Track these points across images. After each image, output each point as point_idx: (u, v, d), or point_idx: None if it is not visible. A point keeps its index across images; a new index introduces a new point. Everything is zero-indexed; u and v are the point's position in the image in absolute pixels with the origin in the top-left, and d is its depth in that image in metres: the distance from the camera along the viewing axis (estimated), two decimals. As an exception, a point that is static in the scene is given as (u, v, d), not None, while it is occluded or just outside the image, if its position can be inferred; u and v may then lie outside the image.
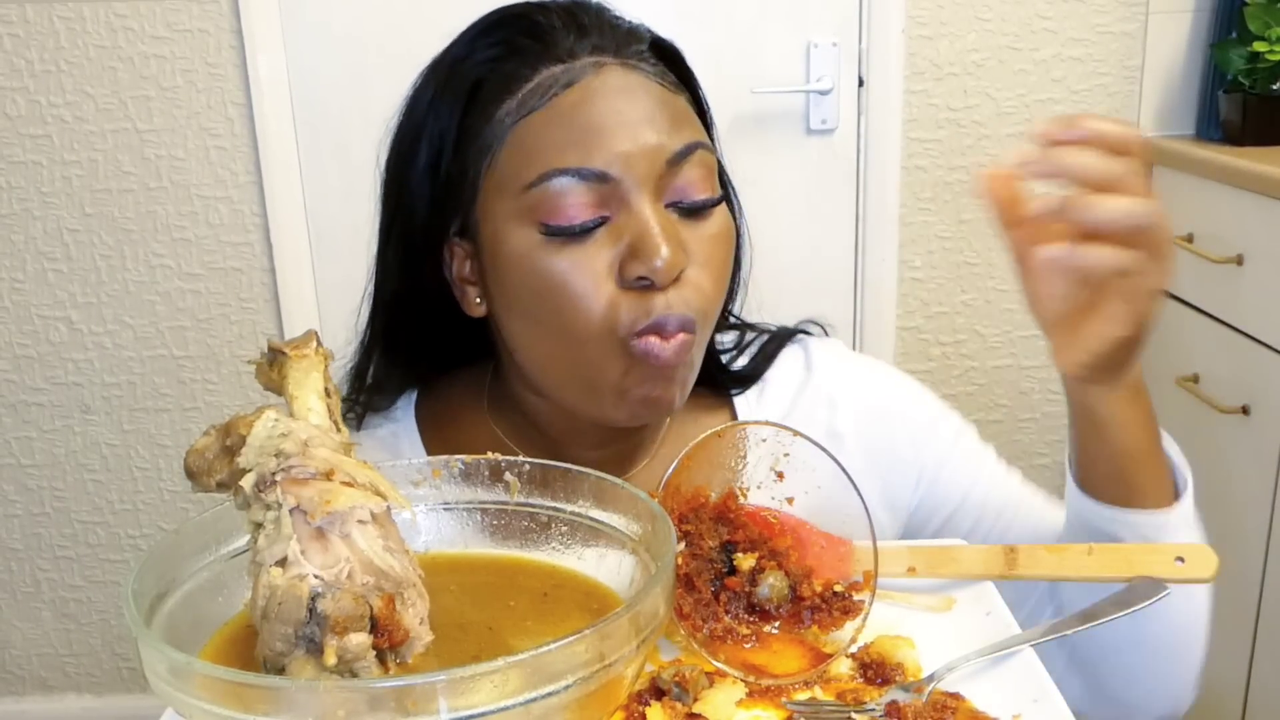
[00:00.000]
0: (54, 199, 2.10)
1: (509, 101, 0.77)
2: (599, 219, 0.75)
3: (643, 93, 0.77)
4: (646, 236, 0.74)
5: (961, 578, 0.76)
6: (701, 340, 0.79)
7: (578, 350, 0.77)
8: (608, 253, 0.75)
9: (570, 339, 0.77)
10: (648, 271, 0.73)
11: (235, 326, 2.18)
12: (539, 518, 0.71)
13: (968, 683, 0.66)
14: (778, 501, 0.77)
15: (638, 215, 0.74)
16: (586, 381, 0.79)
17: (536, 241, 0.76)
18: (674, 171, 0.76)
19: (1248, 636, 1.77)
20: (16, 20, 2.01)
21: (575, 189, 0.74)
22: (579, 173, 0.74)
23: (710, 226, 0.78)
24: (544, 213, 0.75)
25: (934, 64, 2.06)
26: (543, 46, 0.78)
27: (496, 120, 0.77)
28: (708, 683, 0.64)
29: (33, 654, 2.39)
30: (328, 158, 2.10)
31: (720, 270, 0.79)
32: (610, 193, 0.75)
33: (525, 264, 0.76)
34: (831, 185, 2.14)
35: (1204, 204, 1.90)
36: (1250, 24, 1.88)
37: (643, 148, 0.75)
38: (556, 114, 0.75)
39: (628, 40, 0.80)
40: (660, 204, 0.76)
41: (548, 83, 0.76)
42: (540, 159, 0.75)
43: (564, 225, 0.75)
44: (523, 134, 0.76)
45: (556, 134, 0.75)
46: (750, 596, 0.72)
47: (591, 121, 0.75)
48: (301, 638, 0.55)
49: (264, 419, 0.59)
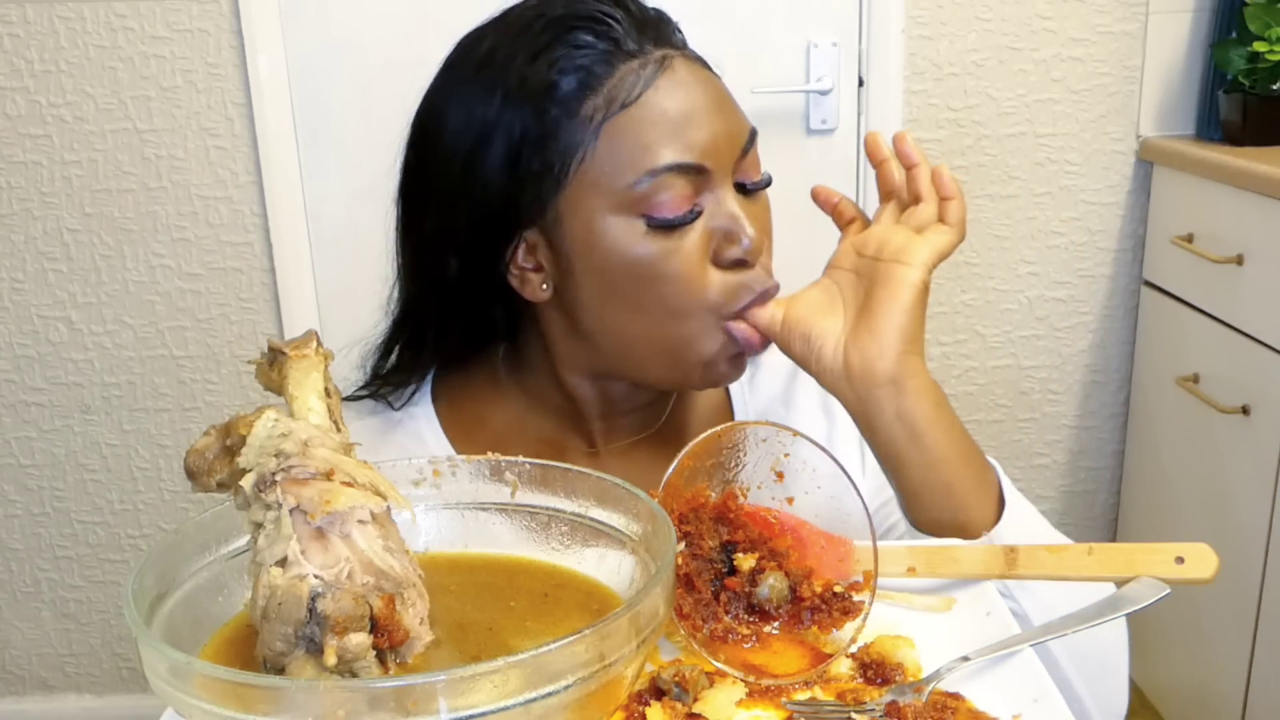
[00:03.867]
0: (54, 199, 2.10)
1: (593, 99, 0.79)
2: (698, 210, 0.80)
3: (711, 83, 0.83)
4: (737, 220, 0.81)
5: (961, 578, 0.76)
6: None
7: (678, 328, 0.82)
8: (701, 238, 0.81)
9: (673, 319, 0.82)
10: (742, 252, 0.80)
11: (235, 326, 2.18)
12: (539, 518, 0.71)
13: (968, 683, 0.66)
14: (778, 502, 0.77)
15: (724, 201, 0.81)
16: (677, 356, 0.84)
17: (640, 232, 0.80)
18: (743, 158, 0.83)
19: (1248, 636, 1.77)
20: (16, 20, 2.01)
21: (677, 183, 0.79)
22: (680, 168, 0.79)
23: (763, 201, 0.86)
24: (649, 206, 0.79)
25: (934, 64, 2.06)
26: (610, 43, 0.80)
27: (584, 118, 0.79)
28: (708, 683, 0.64)
29: (33, 654, 2.39)
30: (328, 158, 2.10)
31: (770, 246, 0.87)
32: (703, 182, 0.80)
33: (629, 254, 0.81)
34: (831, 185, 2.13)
35: (1204, 204, 1.90)
36: (1250, 24, 1.88)
37: (727, 135, 0.81)
38: (649, 110, 0.79)
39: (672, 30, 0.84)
40: (731, 187, 0.82)
41: (631, 80, 0.79)
42: (642, 156, 0.79)
43: (669, 218, 0.80)
44: (616, 131, 0.79)
45: (653, 131, 0.79)
46: (750, 596, 0.72)
47: (683, 116, 0.79)
48: (301, 638, 0.55)
49: (264, 419, 0.59)
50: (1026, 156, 2.11)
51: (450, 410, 0.95)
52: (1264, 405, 1.74)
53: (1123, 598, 0.71)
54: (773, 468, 0.77)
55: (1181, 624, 1.99)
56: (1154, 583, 0.72)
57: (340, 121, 2.08)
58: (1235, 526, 1.80)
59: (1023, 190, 2.13)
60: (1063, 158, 2.11)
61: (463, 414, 0.95)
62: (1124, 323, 2.20)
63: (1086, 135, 2.10)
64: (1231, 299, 1.82)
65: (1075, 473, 2.30)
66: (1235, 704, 1.82)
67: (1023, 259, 2.17)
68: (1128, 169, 2.12)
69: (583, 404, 0.92)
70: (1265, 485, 1.73)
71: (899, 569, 0.76)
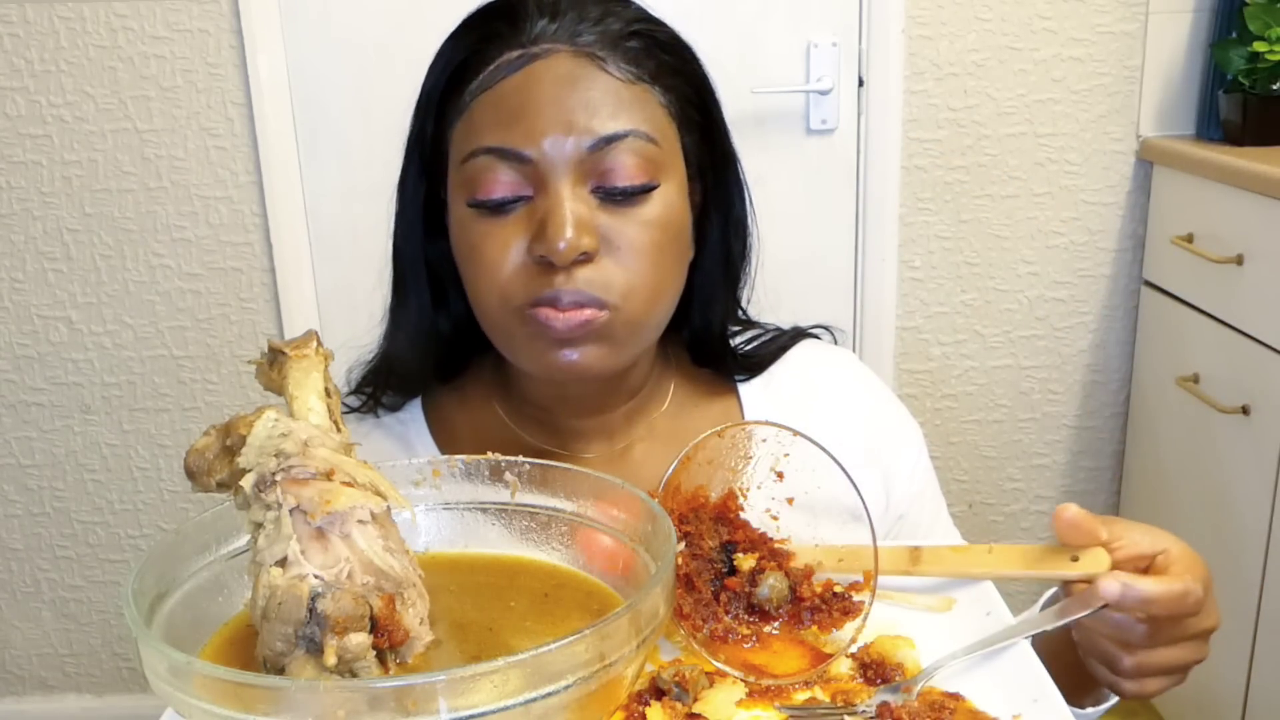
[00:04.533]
0: (54, 199, 2.10)
1: (474, 81, 0.81)
2: (517, 197, 0.79)
3: (585, 80, 0.79)
4: (552, 218, 0.77)
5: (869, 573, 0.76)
6: (629, 319, 0.81)
7: (489, 314, 0.82)
8: (523, 229, 0.79)
9: (482, 303, 0.82)
10: (547, 251, 0.77)
11: (235, 326, 2.18)
12: (539, 518, 0.71)
13: (967, 682, 0.66)
14: (778, 502, 0.77)
15: (552, 198, 0.78)
16: (504, 342, 0.84)
17: (466, 213, 0.81)
18: (598, 157, 0.78)
19: (1248, 636, 1.77)
20: (16, 20, 2.01)
21: (496, 166, 0.79)
22: (500, 152, 0.79)
23: (642, 214, 0.80)
24: (472, 186, 0.80)
25: (934, 64, 2.06)
26: (513, 31, 0.81)
27: (462, 98, 0.82)
28: (708, 683, 0.64)
29: (33, 654, 2.39)
30: (328, 158, 2.10)
31: (650, 255, 0.80)
32: (531, 173, 0.79)
33: (457, 232, 0.82)
34: (831, 185, 2.13)
35: (1204, 204, 1.90)
36: (1250, 24, 1.88)
37: (566, 133, 0.78)
38: (497, 95, 0.80)
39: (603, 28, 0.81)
40: (583, 188, 0.79)
41: (504, 65, 0.80)
42: (476, 136, 0.80)
43: (483, 199, 0.80)
44: (473, 111, 0.81)
45: (491, 114, 0.80)
46: (750, 596, 0.72)
47: (521, 105, 0.79)
48: (301, 638, 0.55)
49: (264, 419, 0.59)
50: (1026, 156, 2.11)
51: (441, 421, 0.95)
52: (1264, 405, 1.74)
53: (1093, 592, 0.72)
54: (773, 468, 0.77)
55: (1181, 624, 1.99)
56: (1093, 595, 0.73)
57: (340, 121, 2.08)
58: (1235, 526, 1.80)
59: (1023, 190, 2.13)
60: (1063, 158, 2.11)
61: (452, 425, 0.94)
62: (1124, 323, 2.20)
63: (1086, 135, 2.10)
64: (1231, 299, 1.82)
65: (1075, 473, 2.30)
66: (1235, 704, 1.82)
67: (1023, 259, 2.17)
68: (1128, 169, 2.11)
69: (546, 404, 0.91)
70: (1265, 485, 1.73)
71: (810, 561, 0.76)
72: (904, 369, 2.21)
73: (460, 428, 0.94)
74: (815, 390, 0.97)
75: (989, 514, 2.30)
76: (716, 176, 0.89)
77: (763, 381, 0.96)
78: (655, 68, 0.82)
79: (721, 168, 0.90)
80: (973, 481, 2.29)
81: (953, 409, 2.24)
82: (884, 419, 0.99)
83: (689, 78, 0.85)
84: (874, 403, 0.99)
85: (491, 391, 0.95)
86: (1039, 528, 2.30)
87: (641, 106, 0.81)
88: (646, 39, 0.83)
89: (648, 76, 0.81)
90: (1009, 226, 2.15)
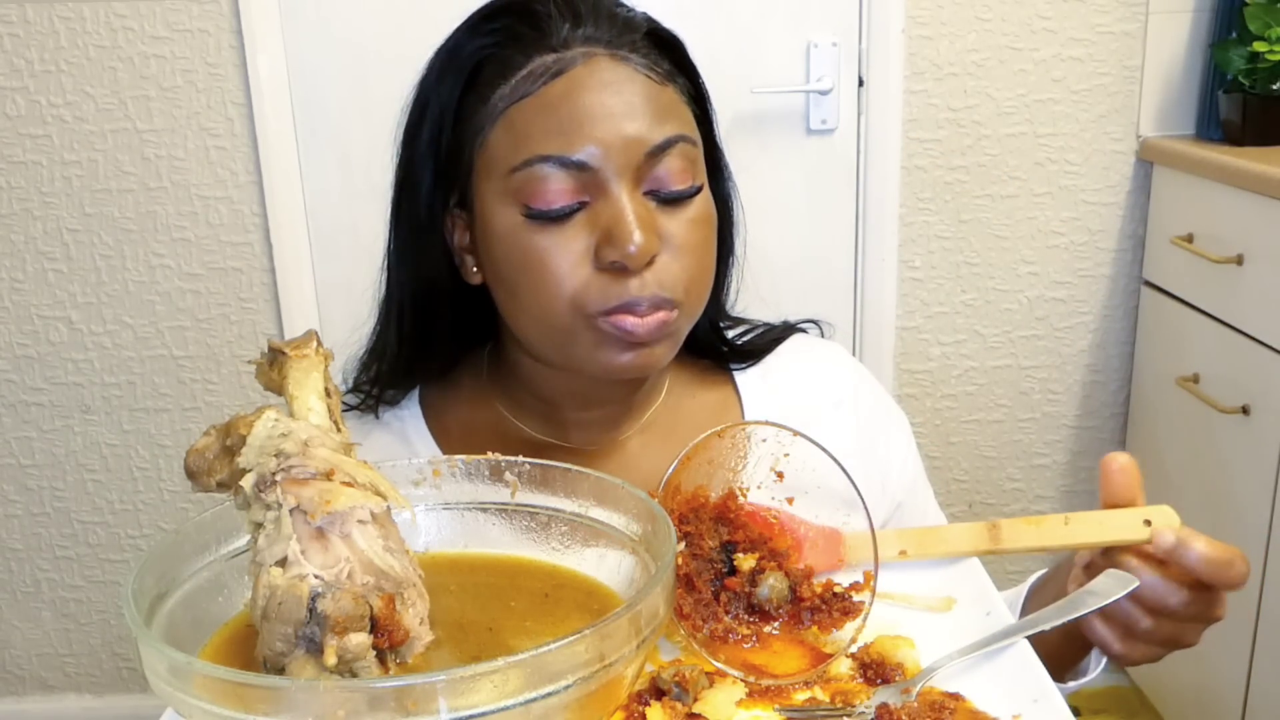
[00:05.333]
0: (54, 199, 2.10)
1: (503, 86, 0.80)
2: (577, 204, 0.79)
3: (629, 85, 0.80)
4: (620, 223, 0.77)
5: (951, 555, 0.79)
6: (690, 315, 0.83)
7: (552, 324, 0.81)
8: (585, 236, 0.79)
9: (546, 314, 0.81)
10: (620, 256, 0.77)
11: (235, 326, 2.18)
12: (539, 518, 0.71)
13: (967, 682, 0.66)
14: (778, 501, 0.77)
15: (614, 203, 0.78)
16: (564, 347, 0.83)
17: (519, 222, 0.80)
18: (653, 162, 0.79)
19: (1248, 636, 1.77)
20: (16, 20, 2.01)
21: (556, 175, 0.78)
22: (560, 160, 0.78)
23: (689, 212, 0.81)
24: (526, 195, 0.79)
25: (934, 64, 2.06)
26: (538, 34, 0.81)
27: (491, 103, 0.81)
28: (708, 683, 0.64)
29: (33, 654, 2.39)
30: (328, 158, 2.10)
31: (700, 253, 0.82)
32: (590, 180, 0.78)
33: (509, 241, 0.81)
34: (831, 185, 2.13)
35: (1204, 204, 1.90)
36: (1250, 24, 1.88)
37: (623, 139, 0.78)
38: (544, 102, 0.79)
39: (622, 31, 0.82)
40: (639, 192, 0.79)
41: (539, 70, 0.80)
42: (526, 144, 0.79)
43: (543, 209, 0.79)
44: (513, 118, 0.80)
45: (542, 121, 0.79)
46: (750, 597, 0.72)
47: (575, 112, 0.78)
48: (301, 638, 0.55)
49: (264, 419, 0.59)
50: (1026, 156, 2.11)
51: (437, 416, 0.95)
52: (1264, 405, 1.74)
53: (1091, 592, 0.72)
54: (773, 468, 0.77)
55: (1181, 624, 1.99)
56: (1121, 576, 0.73)
57: (340, 121, 2.08)
58: (1235, 526, 1.80)
59: (1023, 190, 2.13)
60: (1063, 158, 2.11)
61: (449, 419, 0.94)
62: (1124, 323, 2.20)
63: (1086, 135, 2.10)
64: (1231, 299, 1.82)
65: (1075, 473, 2.30)
66: (1235, 704, 1.82)
67: (1023, 259, 2.17)
68: (1128, 169, 2.11)
69: (553, 397, 0.91)
70: (1265, 485, 1.73)
71: (891, 553, 0.78)
72: (904, 369, 2.21)
73: (458, 422, 0.94)
74: (809, 381, 0.98)
75: (989, 514, 2.30)
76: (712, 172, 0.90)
77: (760, 371, 0.97)
78: (671, 67, 0.84)
79: (715, 163, 0.91)
80: (973, 481, 2.29)
81: (953, 409, 2.24)
82: (875, 409, 1.00)
83: (690, 76, 0.86)
84: (865, 394, 1.00)
85: (488, 385, 0.95)
86: (1039, 528, 2.30)
87: (678, 109, 0.82)
88: (658, 39, 0.84)
89: (669, 76, 0.83)
90: (1009, 226, 2.15)
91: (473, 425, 0.94)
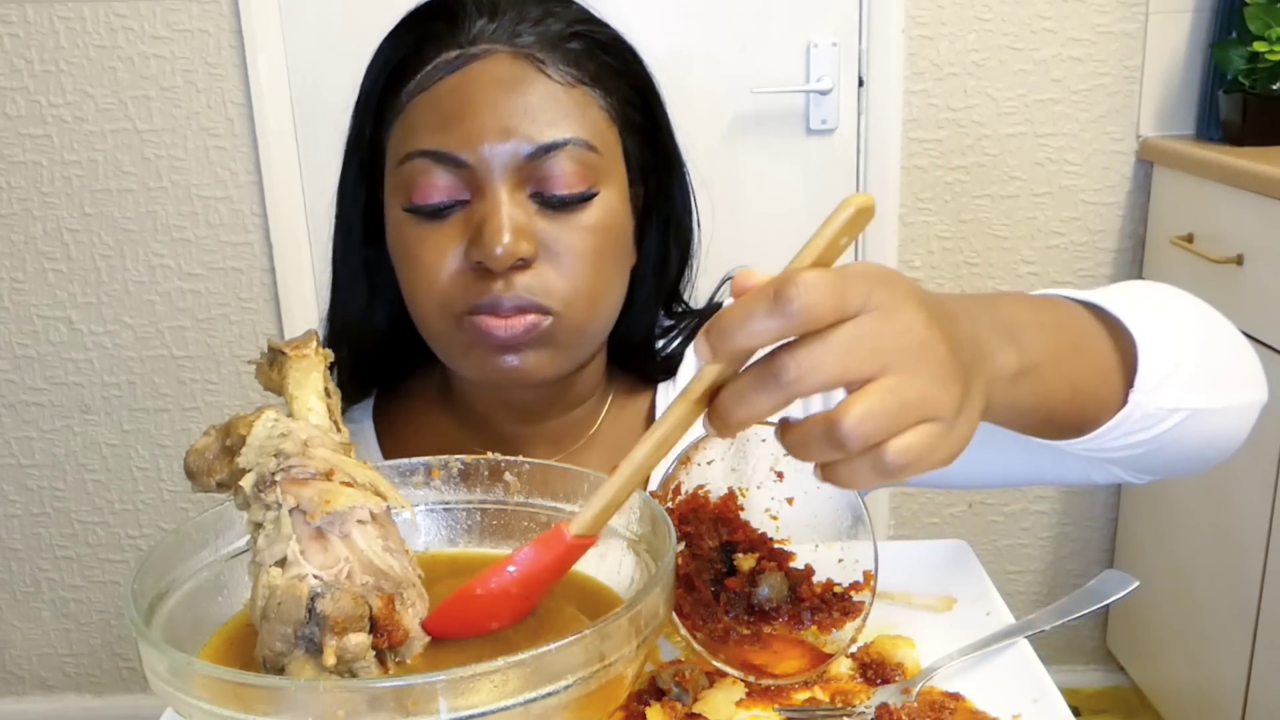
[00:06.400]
0: (54, 199, 2.10)
1: (410, 82, 0.80)
2: (454, 201, 0.78)
3: (524, 84, 0.78)
4: (489, 224, 0.76)
5: None
6: (572, 325, 0.80)
7: (426, 321, 0.81)
8: (460, 235, 0.78)
9: (420, 310, 0.80)
10: (484, 257, 0.76)
11: (235, 326, 2.18)
12: (539, 518, 0.71)
13: (967, 682, 0.66)
14: (778, 501, 0.77)
15: (489, 203, 0.77)
16: (443, 349, 0.82)
17: (402, 216, 0.80)
18: (536, 164, 0.77)
19: (1248, 636, 1.77)
20: (16, 20, 2.01)
21: (433, 170, 0.77)
22: (437, 155, 0.77)
23: (582, 219, 0.79)
24: (409, 189, 0.79)
25: (934, 64, 2.06)
26: (451, 31, 0.80)
27: (398, 99, 0.81)
28: (708, 683, 0.64)
29: (33, 654, 2.39)
30: (328, 158, 2.08)
31: (590, 261, 0.80)
32: (469, 178, 0.77)
33: (394, 235, 0.81)
34: (831, 185, 2.13)
35: (1204, 204, 1.90)
36: (1250, 24, 1.88)
37: (503, 138, 0.77)
38: (434, 97, 0.78)
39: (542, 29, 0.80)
40: (521, 194, 0.78)
41: (441, 65, 0.79)
42: (412, 138, 0.78)
43: (420, 204, 0.78)
44: (409, 112, 0.80)
45: (430, 115, 0.78)
46: (750, 597, 0.72)
47: (459, 107, 0.77)
48: (301, 638, 0.55)
49: (264, 419, 0.59)
50: (1026, 156, 2.11)
51: (389, 427, 0.94)
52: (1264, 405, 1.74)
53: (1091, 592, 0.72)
54: (772, 468, 0.77)
55: (1181, 624, 1.99)
56: (1121, 575, 0.73)
57: (340, 122, 2.06)
58: (1235, 526, 1.80)
59: (1023, 190, 2.13)
60: (1063, 158, 2.11)
61: (401, 431, 0.93)
62: (1124, 323, 2.19)
63: (1086, 135, 2.10)
64: (1231, 299, 1.82)
65: (1075, 473, 2.29)
66: (1235, 704, 1.82)
67: (1023, 259, 2.16)
68: (1128, 169, 2.11)
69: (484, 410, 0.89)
70: (1265, 485, 1.73)
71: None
72: (904, 369, 2.21)
73: (407, 435, 0.93)
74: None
75: (989, 514, 2.30)
76: (659, 180, 0.88)
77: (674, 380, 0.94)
78: (596, 70, 0.81)
79: (665, 170, 0.88)
80: (973, 481, 2.29)
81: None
82: None
83: (631, 79, 0.84)
84: None
85: (437, 399, 0.94)
86: (1039, 527, 2.30)
87: (581, 112, 0.80)
88: (588, 40, 0.82)
89: (588, 79, 0.80)
90: (1009, 226, 2.15)
91: (422, 438, 0.92)
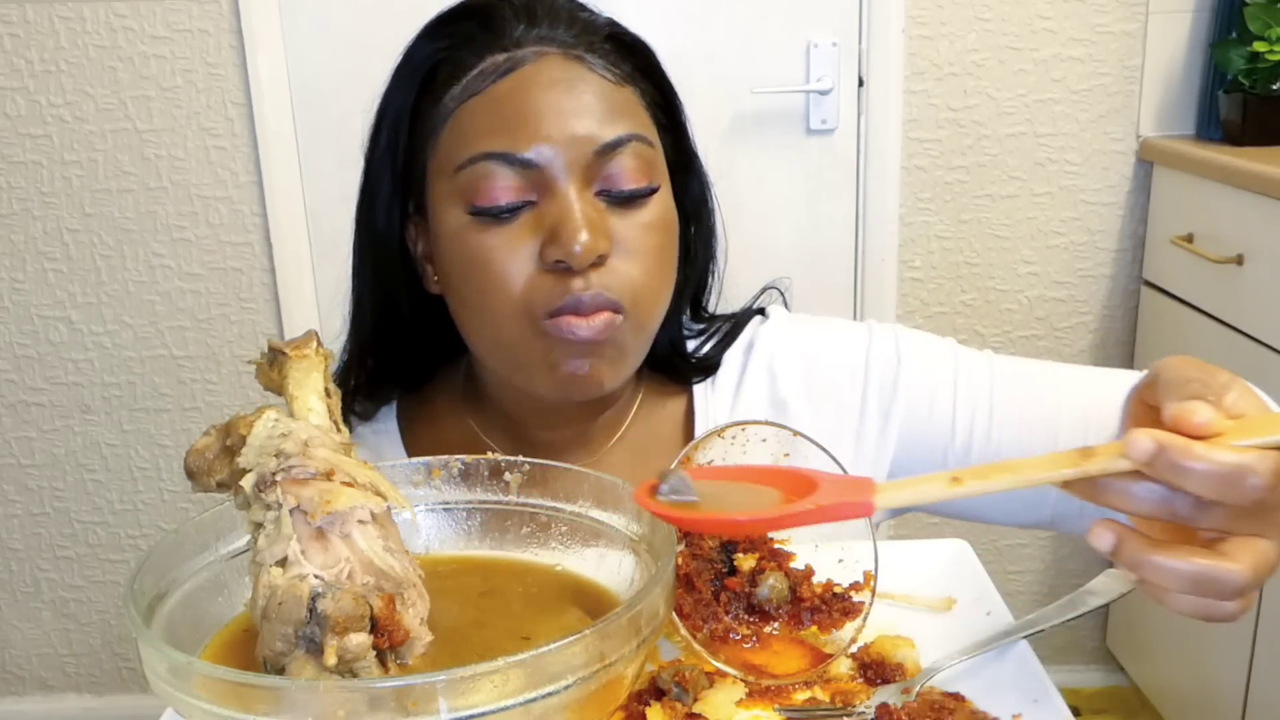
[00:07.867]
0: (54, 199, 2.10)
1: (455, 87, 0.80)
2: (522, 202, 0.78)
3: (580, 83, 0.79)
4: (566, 222, 0.76)
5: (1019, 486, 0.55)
6: (637, 324, 0.80)
7: (501, 328, 0.79)
8: (531, 236, 0.77)
9: (493, 317, 0.79)
10: (564, 255, 0.75)
11: (235, 326, 2.18)
12: (539, 518, 0.71)
13: (967, 683, 0.66)
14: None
15: (561, 201, 0.77)
16: (514, 358, 0.81)
17: (465, 222, 0.79)
18: (603, 161, 0.78)
19: (1248, 636, 1.77)
20: (16, 20, 2.01)
21: (501, 172, 0.77)
22: (505, 157, 0.77)
23: (644, 215, 0.80)
24: (472, 193, 0.78)
25: (934, 64, 2.06)
26: (491, 35, 0.80)
27: (443, 105, 0.80)
28: (708, 683, 0.64)
29: (33, 654, 2.39)
30: (328, 158, 2.10)
31: (654, 257, 0.80)
32: (537, 178, 0.77)
33: (456, 242, 0.80)
34: (831, 185, 2.13)
35: (1204, 204, 1.90)
36: (1250, 24, 1.88)
37: (570, 137, 0.77)
38: (492, 100, 0.78)
39: (580, 32, 0.81)
40: (588, 192, 0.78)
41: (490, 69, 0.79)
42: (472, 142, 0.78)
43: (488, 206, 0.77)
44: (461, 118, 0.79)
45: (489, 119, 0.78)
46: (750, 597, 0.72)
47: (522, 108, 0.77)
48: (301, 638, 0.55)
49: (264, 419, 0.59)
50: (1026, 156, 2.11)
51: (413, 430, 0.94)
52: (1264, 405, 1.74)
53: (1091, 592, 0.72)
54: (773, 468, 0.76)
55: (1181, 624, 1.99)
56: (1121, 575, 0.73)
57: (340, 121, 2.07)
58: (1235, 526, 1.80)
59: (1023, 190, 2.13)
60: (1063, 158, 2.11)
61: (424, 435, 0.93)
62: (1124, 323, 2.19)
63: (1086, 135, 2.10)
64: (1231, 299, 1.82)
65: (1075, 473, 2.29)
66: (1235, 704, 1.82)
67: (1023, 259, 2.17)
68: (1128, 169, 2.11)
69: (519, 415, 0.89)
70: (1265, 485, 1.73)
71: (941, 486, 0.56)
72: (904, 369, 2.21)
73: (431, 440, 0.93)
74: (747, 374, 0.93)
75: (989, 514, 2.30)
76: (682, 179, 0.88)
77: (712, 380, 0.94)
78: (631, 69, 0.82)
79: (686, 170, 0.89)
80: (973, 481, 2.29)
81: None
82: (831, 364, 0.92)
83: (656, 80, 0.85)
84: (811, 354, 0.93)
85: (462, 403, 0.94)
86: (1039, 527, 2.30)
87: (633, 109, 0.81)
88: (618, 41, 0.83)
89: (628, 78, 0.81)
90: (1009, 226, 2.15)
91: (446, 442, 0.92)
